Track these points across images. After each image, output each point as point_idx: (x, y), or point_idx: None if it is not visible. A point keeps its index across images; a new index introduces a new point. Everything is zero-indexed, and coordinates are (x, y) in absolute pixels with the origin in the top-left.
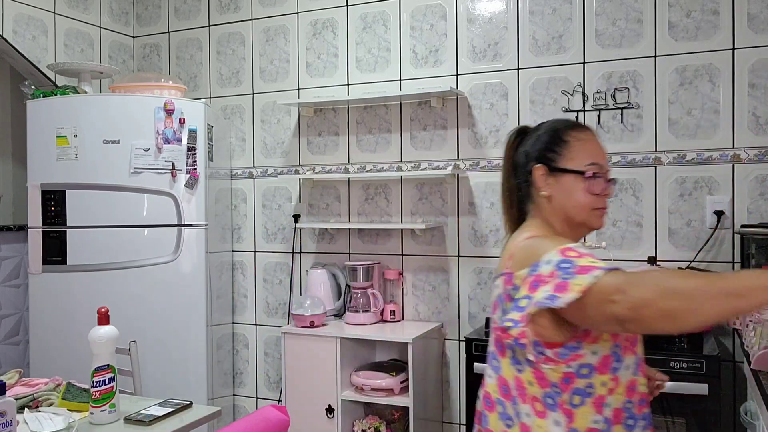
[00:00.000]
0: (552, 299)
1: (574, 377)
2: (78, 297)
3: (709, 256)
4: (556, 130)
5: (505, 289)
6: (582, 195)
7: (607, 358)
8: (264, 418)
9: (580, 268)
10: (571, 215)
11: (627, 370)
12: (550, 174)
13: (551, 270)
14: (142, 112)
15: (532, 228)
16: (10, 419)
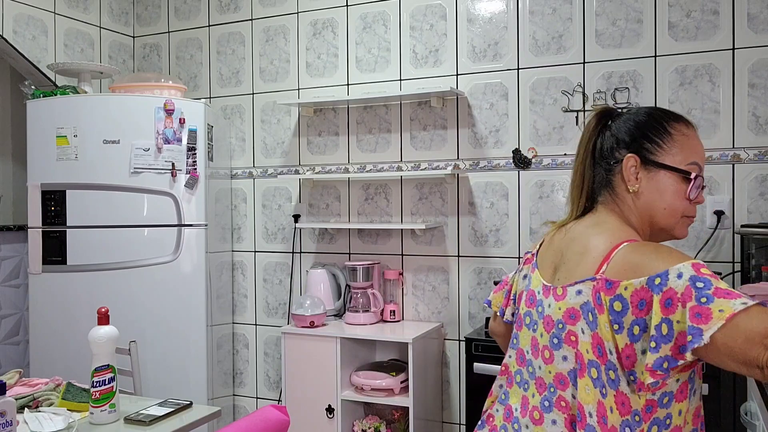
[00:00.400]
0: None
1: (656, 406)
2: (78, 297)
3: (709, 256)
4: (660, 118)
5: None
6: (677, 198)
7: (685, 384)
8: (264, 418)
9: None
10: (658, 218)
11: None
12: (643, 167)
13: (686, 286)
14: (142, 112)
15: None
16: (10, 419)
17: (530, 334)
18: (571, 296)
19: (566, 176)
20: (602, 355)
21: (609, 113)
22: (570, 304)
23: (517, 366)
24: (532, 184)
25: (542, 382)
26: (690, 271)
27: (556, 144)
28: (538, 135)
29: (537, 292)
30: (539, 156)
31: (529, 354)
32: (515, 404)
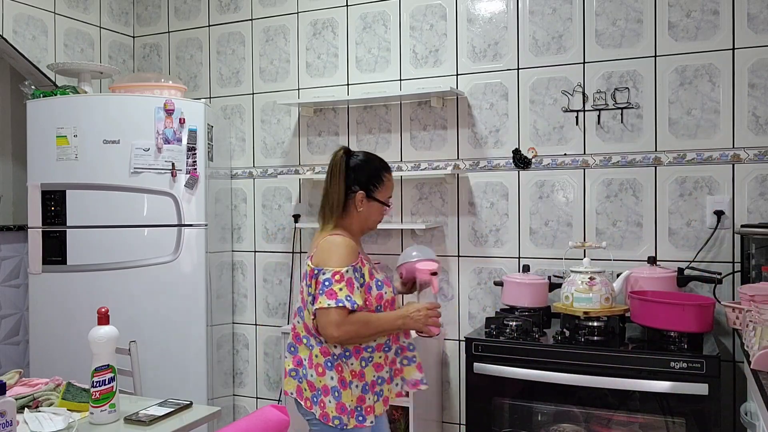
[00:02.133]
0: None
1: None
2: (78, 297)
3: (709, 256)
4: (378, 169)
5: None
6: (379, 215)
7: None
8: (264, 418)
9: (328, 292)
10: (368, 226)
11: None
12: (366, 198)
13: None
14: (142, 112)
15: (339, 229)
16: (10, 419)
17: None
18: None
19: (566, 176)
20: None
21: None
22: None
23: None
24: (532, 184)
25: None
26: (329, 275)
27: (556, 144)
28: (538, 135)
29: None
30: (539, 156)
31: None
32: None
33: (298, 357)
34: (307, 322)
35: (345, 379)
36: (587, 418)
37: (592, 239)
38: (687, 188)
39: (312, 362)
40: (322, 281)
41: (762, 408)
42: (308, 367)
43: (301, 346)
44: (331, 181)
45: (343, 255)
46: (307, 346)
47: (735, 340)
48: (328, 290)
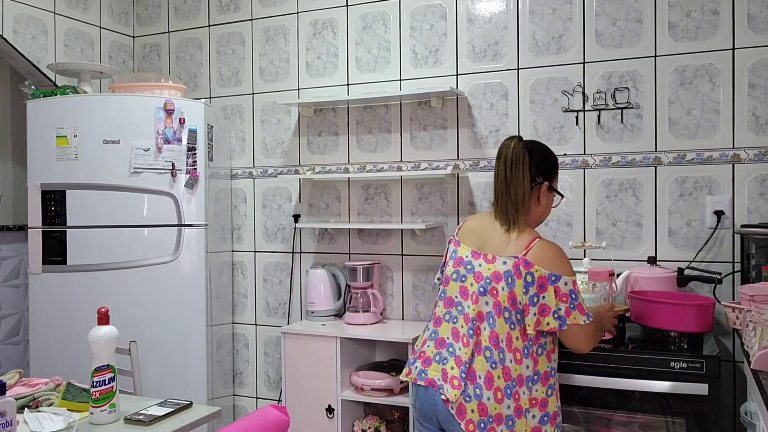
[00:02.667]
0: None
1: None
2: (78, 297)
3: (709, 256)
4: (554, 157)
5: (519, 270)
6: (550, 208)
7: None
8: (264, 418)
9: (579, 307)
10: (542, 220)
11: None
12: (548, 190)
13: (567, 292)
14: (142, 112)
15: (528, 227)
16: (10, 419)
17: (458, 285)
18: (498, 264)
19: (566, 176)
20: (514, 305)
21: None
22: (496, 268)
23: (445, 309)
24: None
25: (468, 316)
26: (571, 284)
27: (556, 144)
28: (538, 135)
29: (465, 257)
30: None
31: (458, 298)
32: (446, 335)
33: (473, 370)
34: (498, 332)
35: (521, 407)
36: (587, 418)
37: (592, 239)
38: (687, 188)
39: (492, 384)
40: (568, 293)
41: (762, 408)
42: (485, 387)
43: (479, 358)
44: (514, 174)
45: (568, 262)
46: (488, 360)
47: (735, 340)
48: (578, 304)
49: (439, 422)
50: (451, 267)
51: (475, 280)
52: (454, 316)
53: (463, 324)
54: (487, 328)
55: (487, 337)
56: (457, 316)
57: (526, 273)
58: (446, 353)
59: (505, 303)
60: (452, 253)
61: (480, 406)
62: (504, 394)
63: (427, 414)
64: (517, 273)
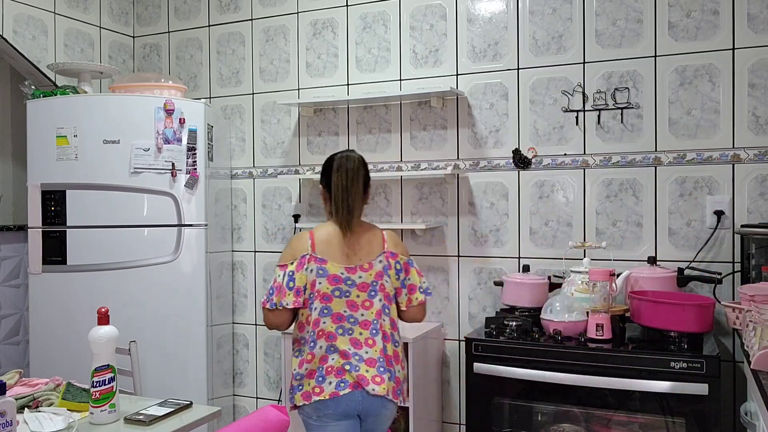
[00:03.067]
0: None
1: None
2: (78, 297)
3: (709, 256)
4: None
5: (389, 262)
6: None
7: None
8: (264, 418)
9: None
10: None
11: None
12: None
13: (420, 271)
14: (142, 112)
15: (371, 226)
16: (10, 419)
17: (344, 300)
18: (377, 265)
19: (566, 176)
20: (392, 291)
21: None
22: (376, 269)
23: (335, 324)
24: (532, 184)
25: (366, 322)
26: (414, 262)
27: (556, 144)
28: (538, 135)
29: (341, 274)
30: (539, 156)
31: (347, 312)
32: (346, 347)
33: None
34: (393, 316)
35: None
36: (587, 418)
37: (592, 239)
38: (687, 188)
39: (399, 358)
40: (420, 270)
41: (762, 408)
42: (395, 363)
43: (389, 345)
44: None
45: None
46: (393, 344)
47: (735, 340)
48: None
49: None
50: (326, 284)
51: (359, 291)
52: (348, 329)
53: (362, 331)
54: (386, 319)
55: (388, 326)
56: (351, 327)
57: (395, 262)
58: (355, 361)
59: (391, 293)
60: (319, 271)
61: (396, 380)
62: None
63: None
64: (389, 265)
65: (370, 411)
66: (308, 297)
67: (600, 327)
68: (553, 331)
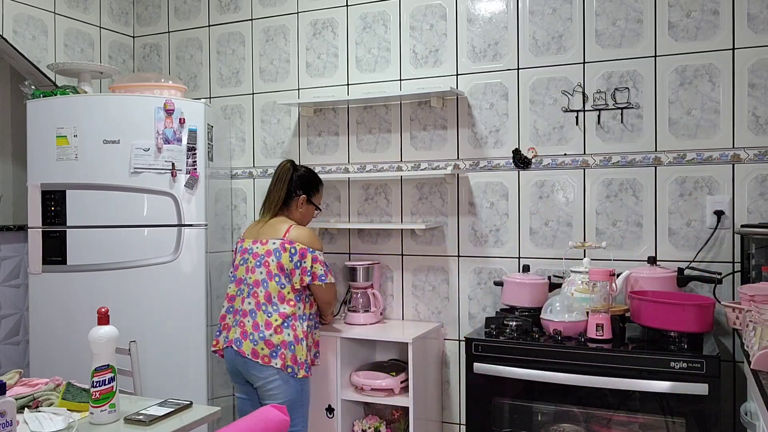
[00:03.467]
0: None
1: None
2: (78, 297)
3: (709, 256)
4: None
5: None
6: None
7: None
8: (264, 418)
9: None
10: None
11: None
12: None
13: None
14: (142, 112)
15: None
16: (10, 419)
17: (244, 266)
18: (269, 245)
19: (566, 176)
20: (282, 271)
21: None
22: (268, 247)
23: (236, 287)
24: (532, 184)
25: (248, 284)
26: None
27: (556, 144)
28: (538, 135)
29: (247, 247)
30: (539, 156)
31: (244, 275)
32: (239, 306)
33: (256, 322)
34: (271, 291)
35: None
36: (587, 418)
37: (592, 239)
38: (687, 188)
39: (271, 326)
40: (324, 261)
41: (762, 408)
42: (265, 329)
43: (259, 313)
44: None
45: (318, 240)
46: (264, 313)
47: (735, 340)
48: (329, 270)
49: (242, 374)
50: (239, 257)
51: (252, 258)
52: (242, 289)
53: (245, 290)
54: (262, 291)
55: (263, 297)
56: (243, 288)
57: (291, 247)
58: (239, 317)
59: (274, 270)
60: (239, 248)
61: (266, 342)
62: (282, 327)
63: (235, 370)
64: (283, 249)
65: (243, 370)
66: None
67: (600, 327)
68: (553, 331)
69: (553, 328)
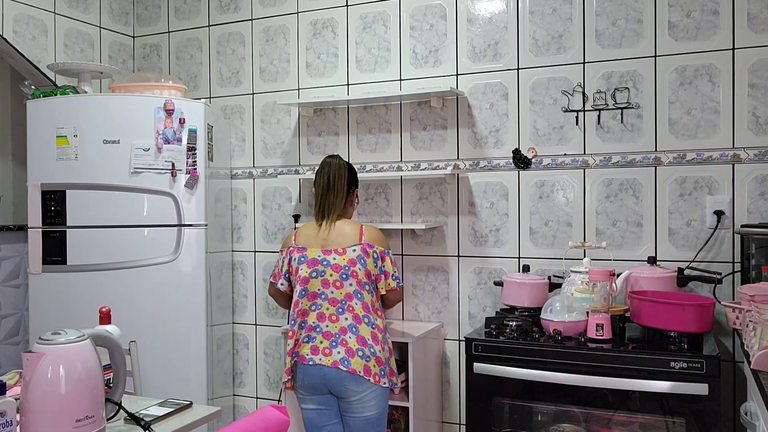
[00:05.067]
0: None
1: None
2: (78, 297)
3: (709, 256)
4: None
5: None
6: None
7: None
8: (264, 418)
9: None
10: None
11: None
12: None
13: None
14: (142, 112)
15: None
16: (10, 419)
17: (319, 279)
18: (350, 253)
19: (566, 176)
20: (369, 278)
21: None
22: (350, 256)
23: (309, 302)
24: (532, 184)
25: (335, 300)
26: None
27: (556, 144)
28: (538, 135)
29: (317, 256)
30: (539, 156)
31: (320, 290)
32: (312, 320)
33: (361, 336)
34: (367, 301)
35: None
36: (587, 418)
37: (592, 239)
38: (687, 188)
39: (377, 339)
40: (394, 261)
41: (762, 408)
42: (374, 344)
43: (361, 326)
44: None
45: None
46: (368, 325)
47: (735, 340)
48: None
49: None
50: (305, 268)
51: (333, 271)
52: (319, 304)
53: (329, 307)
54: (358, 303)
55: (360, 309)
56: (321, 303)
57: (372, 251)
58: (315, 333)
59: (364, 279)
60: (300, 258)
61: (377, 360)
62: (383, 342)
63: (315, 386)
64: (366, 254)
65: (332, 384)
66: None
67: (600, 327)
68: (553, 331)
69: (553, 328)
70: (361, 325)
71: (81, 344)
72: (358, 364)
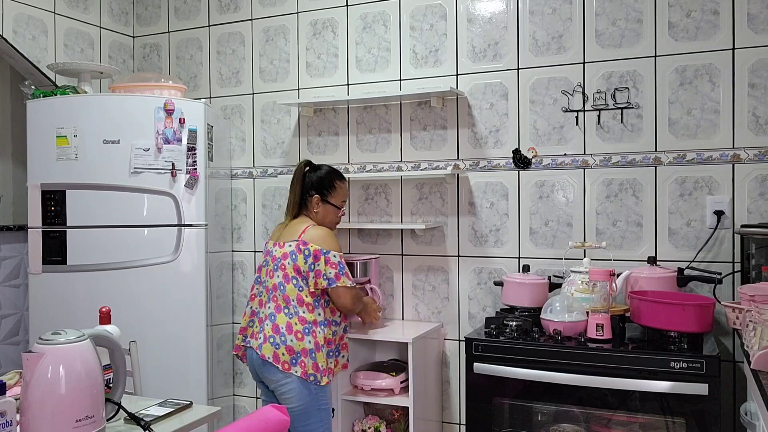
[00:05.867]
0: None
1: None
2: (78, 297)
3: (709, 256)
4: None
5: (299, 248)
6: (334, 216)
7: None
8: (264, 418)
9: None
10: (326, 224)
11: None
12: (321, 202)
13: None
14: (142, 112)
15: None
16: (10, 419)
17: (264, 269)
18: (286, 247)
19: (566, 176)
20: (299, 273)
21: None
22: (285, 250)
23: (255, 288)
24: (532, 184)
25: (267, 288)
26: (338, 257)
27: (556, 144)
28: (538, 135)
29: (270, 249)
30: (539, 156)
31: (262, 278)
32: (255, 305)
33: (276, 325)
34: (289, 294)
35: (319, 343)
36: (587, 418)
37: (592, 239)
38: (687, 188)
39: (293, 330)
40: (337, 263)
41: (762, 408)
42: (287, 333)
43: (279, 315)
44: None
45: (336, 241)
46: (287, 315)
47: (735, 340)
48: (345, 272)
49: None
50: (263, 259)
51: (272, 261)
52: (260, 291)
53: (264, 294)
54: (280, 294)
55: (282, 300)
56: (262, 290)
57: (305, 248)
58: (255, 318)
59: (291, 273)
60: (264, 250)
61: (287, 348)
62: (303, 333)
63: (254, 372)
64: (298, 250)
65: (256, 367)
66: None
67: (600, 327)
68: (553, 331)
69: (553, 328)
70: (279, 314)
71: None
72: (268, 350)
